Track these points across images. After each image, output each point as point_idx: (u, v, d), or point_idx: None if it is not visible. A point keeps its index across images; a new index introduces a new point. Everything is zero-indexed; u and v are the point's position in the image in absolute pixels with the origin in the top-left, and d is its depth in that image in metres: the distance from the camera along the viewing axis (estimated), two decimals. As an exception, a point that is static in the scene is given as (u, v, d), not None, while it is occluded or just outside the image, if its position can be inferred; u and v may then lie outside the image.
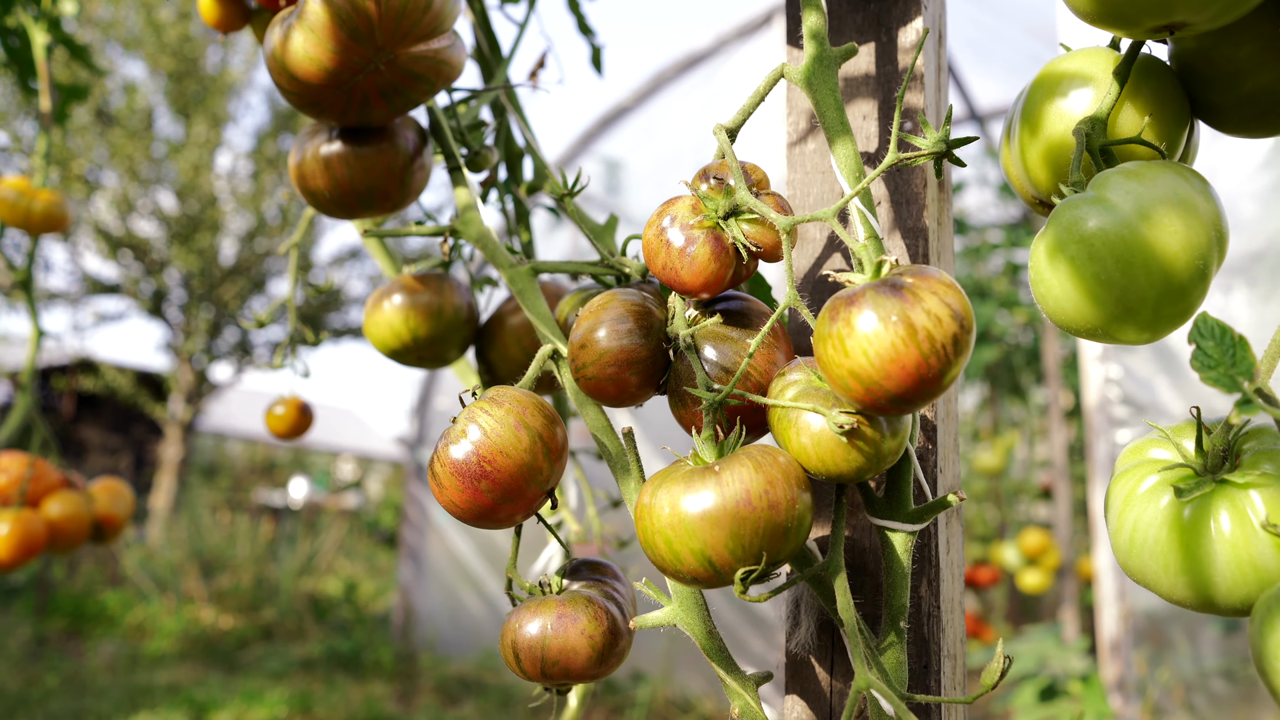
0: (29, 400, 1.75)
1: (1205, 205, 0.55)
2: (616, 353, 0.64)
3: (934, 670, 0.65)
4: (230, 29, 1.09)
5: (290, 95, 0.79)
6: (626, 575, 0.72)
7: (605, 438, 0.68)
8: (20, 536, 1.57)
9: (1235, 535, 0.53)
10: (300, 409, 1.27)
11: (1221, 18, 0.56)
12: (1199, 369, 0.49)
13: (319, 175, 0.84)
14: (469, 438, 0.61)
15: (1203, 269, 0.55)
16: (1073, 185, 0.59)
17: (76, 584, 7.46)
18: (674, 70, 4.84)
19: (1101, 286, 0.55)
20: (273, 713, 4.51)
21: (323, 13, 0.74)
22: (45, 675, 5.11)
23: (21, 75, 1.99)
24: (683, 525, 0.54)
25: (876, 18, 0.75)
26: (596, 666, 0.63)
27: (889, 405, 0.52)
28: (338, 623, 6.86)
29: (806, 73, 0.66)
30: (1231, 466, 0.55)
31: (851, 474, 0.57)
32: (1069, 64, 0.66)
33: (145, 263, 10.44)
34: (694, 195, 0.64)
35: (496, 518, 0.63)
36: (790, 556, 0.56)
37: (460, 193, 0.85)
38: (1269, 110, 0.63)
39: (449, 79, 0.83)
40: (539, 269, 0.78)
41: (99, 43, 9.48)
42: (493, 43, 1.07)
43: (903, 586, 0.61)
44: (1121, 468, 0.60)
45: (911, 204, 0.71)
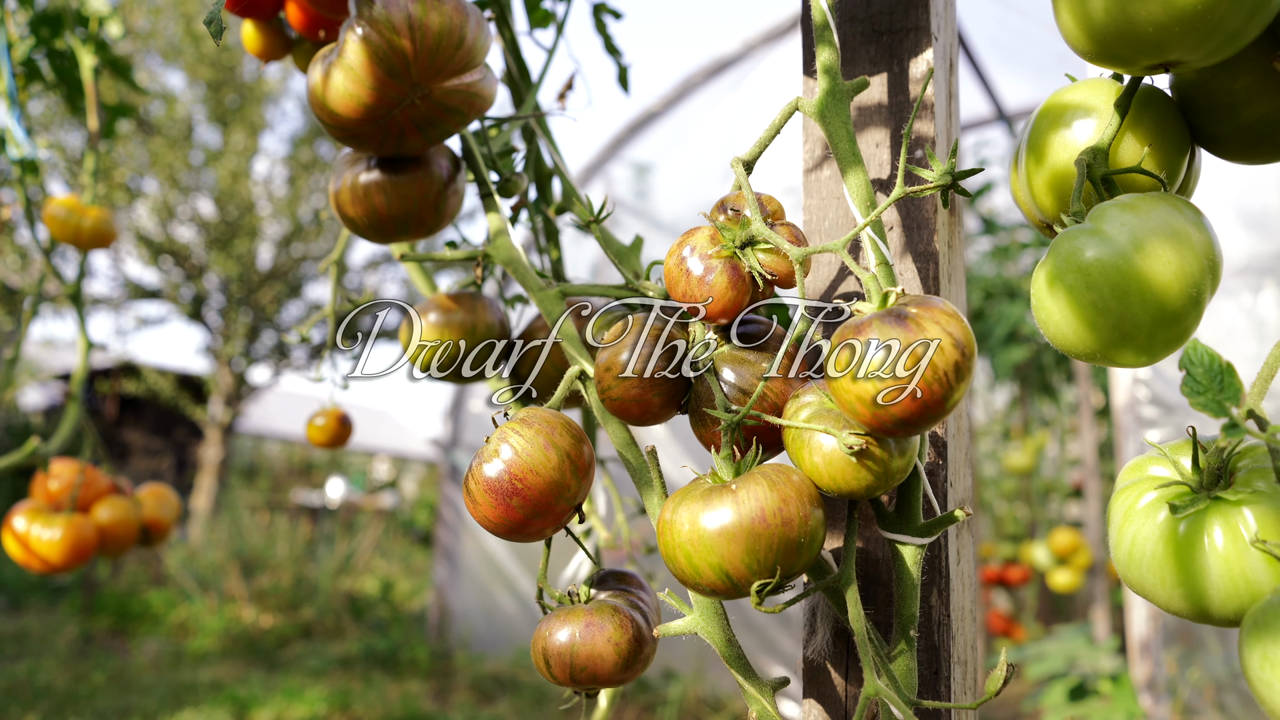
0: (79, 409, 1.81)
1: (1198, 236, 0.58)
2: (640, 375, 0.68)
3: (944, 676, 0.68)
4: (273, 58, 1.14)
5: (331, 129, 0.83)
6: (652, 583, 0.76)
7: (629, 453, 0.72)
8: (72, 541, 1.63)
9: (1228, 550, 0.56)
10: (340, 420, 1.32)
11: (1215, 56, 0.58)
12: (1188, 395, 0.52)
13: (357, 203, 0.89)
14: (501, 457, 0.65)
15: (1196, 296, 0.57)
16: (1073, 215, 0.62)
17: (121, 583, 7.63)
18: (702, 76, 4.87)
19: (1099, 314, 0.57)
20: (313, 710, 4.60)
21: (361, 52, 0.78)
22: (92, 673, 5.24)
23: (70, 95, 2.07)
24: (701, 541, 0.58)
25: (889, 49, 0.78)
26: (622, 672, 0.67)
27: (895, 428, 0.56)
28: (375, 621, 6.97)
29: (820, 106, 0.69)
30: (1226, 484, 0.58)
31: (862, 491, 0.60)
32: (1073, 95, 0.69)
33: (185, 268, 10.64)
34: (712, 226, 0.67)
35: (527, 532, 0.67)
36: (804, 569, 0.60)
37: (492, 218, 0.89)
38: (1266, 139, 0.65)
39: (481, 110, 0.87)
40: (567, 292, 0.82)
41: (139, 54, 9.67)
42: (522, 68, 1.11)
43: (913, 597, 0.64)
44: (1122, 484, 0.63)
45: (923, 229, 0.74)
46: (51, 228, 1.80)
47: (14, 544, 1.61)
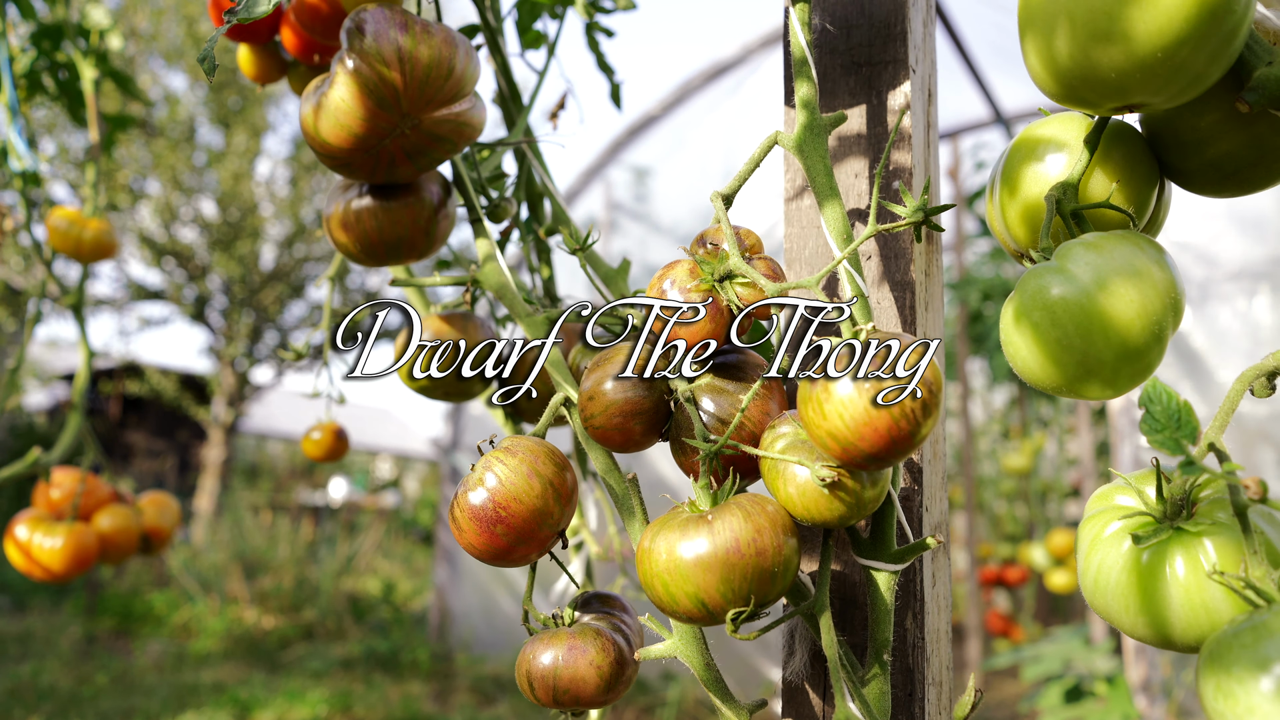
0: (80, 418, 1.83)
1: (1160, 274, 0.59)
2: (622, 404, 0.70)
3: (919, 698, 0.70)
4: (268, 81, 1.16)
5: (324, 158, 0.85)
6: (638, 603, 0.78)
7: (611, 479, 0.73)
8: (73, 549, 1.65)
9: (1189, 580, 0.57)
10: (336, 434, 1.34)
11: (1178, 99, 0.60)
12: (1146, 433, 0.53)
13: (349, 229, 0.91)
14: (485, 485, 0.67)
15: (1158, 333, 0.59)
16: (1041, 251, 0.64)
17: (124, 584, 7.66)
18: (701, 79, 4.89)
19: (1063, 350, 0.59)
20: (314, 712, 4.62)
21: (352, 84, 0.80)
22: (96, 674, 5.27)
23: (71, 106, 2.09)
24: (678, 570, 0.60)
25: (868, 81, 0.79)
26: (604, 694, 0.69)
27: (864, 463, 0.57)
28: (376, 623, 6.99)
29: (798, 140, 0.71)
30: (1188, 514, 0.60)
31: (835, 521, 0.62)
32: (1045, 130, 0.71)
33: (188, 269, 10.68)
34: (692, 260, 0.69)
35: (512, 558, 0.69)
36: (778, 597, 0.62)
37: (481, 244, 0.91)
38: (1231, 175, 0.67)
39: (470, 139, 0.88)
40: (553, 318, 0.84)
41: (142, 55, 9.70)
42: (514, 89, 1.13)
43: (886, 622, 0.66)
44: (1089, 512, 0.65)
45: (900, 258, 0.76)
46: (52, 239, 1.82)
47: (16, 552, 1.63)
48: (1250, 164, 0.66)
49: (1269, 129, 0.64)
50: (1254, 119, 0.64)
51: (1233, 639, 0.51)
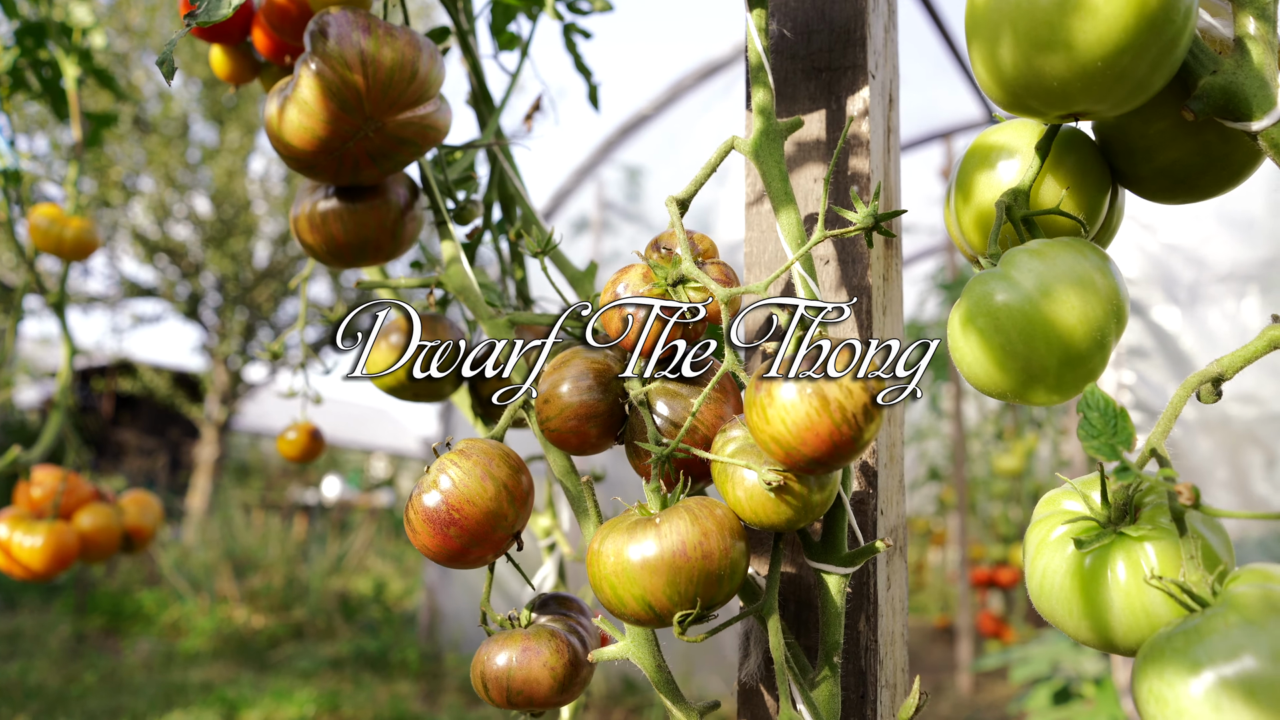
0: (62, 417, 1.84)
1: (1103, 281, 0.60)
2: (577, 407, 0.70)
3: (871, 700, 0.70)
4: (240, 81, 1.16)
5: (287, 160, 0.85)
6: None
7: (568, 481, 0.74)
8: (54, 548, 1.65)
9: (1129, 585, 0.58)
10: (311, 434, 1.34)
11: (1122, 107, 0.60)
12: (1083, 439, 0.54)
13: (315, 230, 0.91)
14: (439, 488, 0.67)
15: (1101, 340, 0.59)
16: (989, 257, 0.64)
17: (115, 583, 7.65)
18: (693, 79, 4.89)
19: (1007, 356, 0.60)
20: (301, 711, 4.62)
21: (314, 86, 0.80)
22: (84, 673, 5.26)
23: (55, 104, 2.09)
24: (625, 572, 0.60)
25: (828, 87, 0.80)
26: (558, 695, 0.69)
27: (807, 467, 0.58)
28: (366, 622, 6.99)
29: (754, 145, 0.71)
30: (1131, 519, 0.60)
31: (782, 524, 0.62)
32: (998, 136, 0.71)
33: (181, 266, 10.66)
34: (645, 264, 0.69)
35: (467, 559, 0.69)
36: (726, 599, 0.62)
37: (446, 246, 0.91)
38: (1182, 181, 0.67)
39: (435, 141, 0.89)
40: (515, 321, 0.84)
41: (134, 51, 9.68)
42: (485, 91, 1.13)
43: (837, 624, 0.66)
44: (1037, 516, 0.65)
45: (857, 263, 0.76)
46: (34, 237, 1.82)
47: (-4, 551, 1.63)
48: (1199, 171, 0.66)
49: (1216, 137, 0.65)
50: (1201, 127, 0.64)
51: (1165, 643, 0.52)
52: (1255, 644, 0.49)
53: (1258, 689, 0.48)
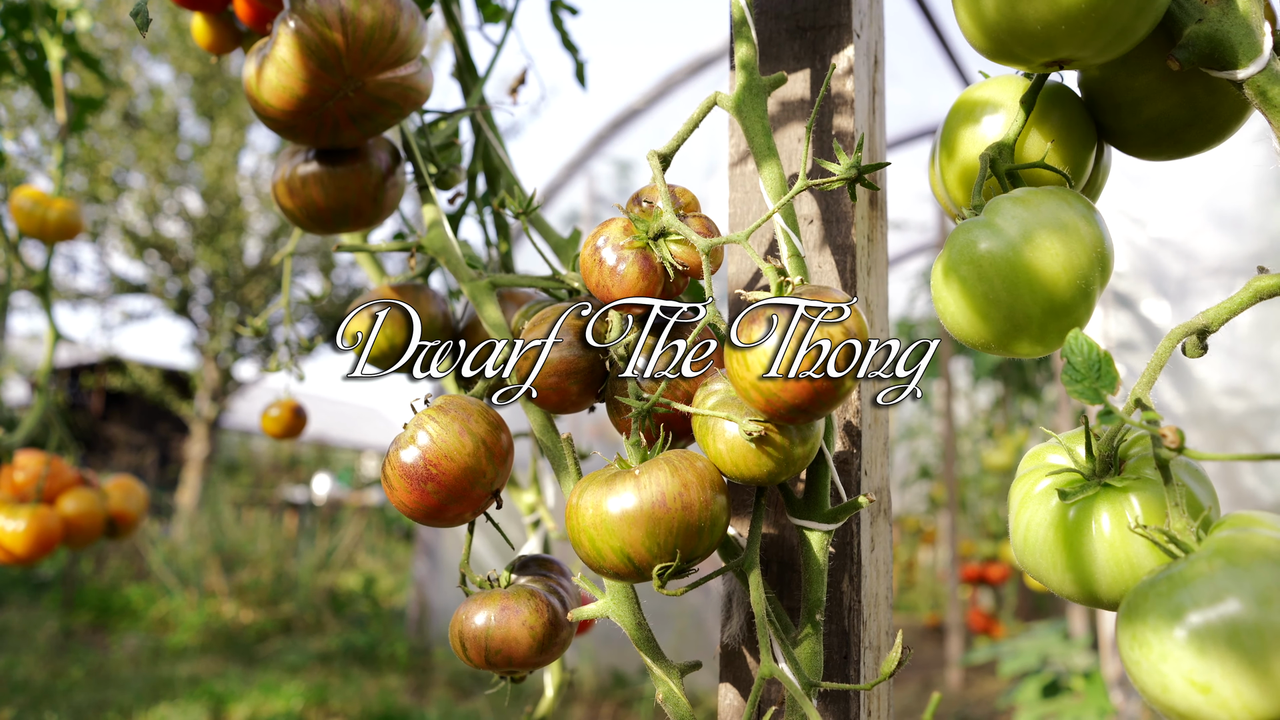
0: (45, 400, 1.82)
1: (1087, 229, 0.59)
2: (557, 364, 0.69)
3: (854, 661, 0.69)
4: (222, 51, 1.15)
5: (266, 121, 0.84)
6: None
7: (547, 438, 0.73)
8: (36, 532, 1.64)
9: (1114, 536, 0.57)
10: (294, 411, 1.33)
11: (1106, 53, 0.60)
12: (1067, 383, 0.53)
13: (294, 195, 0.90)
14: (417, 443, 0.66)
15: (1085, 288, 0.59)
16: (973, 209, 0.63)
17: (103, 578, 7.61)
18: (684, 73, 4.88)
19: (991, 305, 0.59)
20: (289, 705, 4.60)
21: (293, 45, 0.79)
22: (71, 667, 5.23)
23: (40, 88, 2.07)
24: (604, 525, 0.59)
25: (812, 45, 0.79)
26: (537, 655, 0.68)
27: (788, 415, 0.57)
28: (355, 617, 6.96)
29: (737, 100, 0.71)
30: (1116, 471, 0.59)
31: (764, 477, 0.61)
32: (983, 92, 0.71)
33: (171, 263, 10.62)
34: (626, 218, 0.68)
35: (445, 517, 0.68)
36: (706, 554, 0.61)
37: (428, 209, 0.90)
38: (1167, 136, 0.67)
39: (417, 104, 0.88)
40: (496, 283, 0.83)
41: (125, 47, 9.64)
42: (469, 61, 1.12)
43: (819, 582, 0.65)
44: (1021, 471, 0.65)
45: (841, 222, 0.76)
46: (17, 219, 1.80)
47: (-23, 535, 1.61)
48: (1185, 124, 0.66)
49: (1202, 89, 0.64)
50: (1187, 78, 0.64)
51: (1149, 589, 0.51)
52: (1239, 587, 0.48)
53: (1241, 632, 0.47)
